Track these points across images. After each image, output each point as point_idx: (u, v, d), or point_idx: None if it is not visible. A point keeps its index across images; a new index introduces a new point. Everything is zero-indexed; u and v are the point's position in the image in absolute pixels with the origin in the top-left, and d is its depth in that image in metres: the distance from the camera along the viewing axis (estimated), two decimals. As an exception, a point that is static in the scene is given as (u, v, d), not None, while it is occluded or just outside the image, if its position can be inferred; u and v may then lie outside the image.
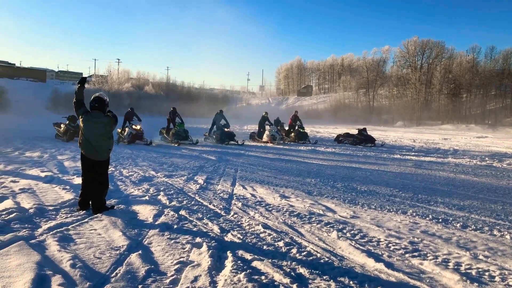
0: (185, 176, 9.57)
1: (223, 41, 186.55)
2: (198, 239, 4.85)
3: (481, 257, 4.57)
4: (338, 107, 71.76)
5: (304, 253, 4.51)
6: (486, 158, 15.34)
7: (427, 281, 3.87)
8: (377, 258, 4.38)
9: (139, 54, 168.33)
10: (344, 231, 5.44)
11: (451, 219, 6.25)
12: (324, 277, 3.88)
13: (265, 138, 21.40)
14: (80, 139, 6.22)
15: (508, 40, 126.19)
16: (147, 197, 7.15)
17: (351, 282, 3.78)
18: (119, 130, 18.83)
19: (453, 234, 5.43)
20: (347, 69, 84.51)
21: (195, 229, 5.33)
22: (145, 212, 6.11)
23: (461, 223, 6.00)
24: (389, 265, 4.19)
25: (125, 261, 4.12)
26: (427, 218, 6.25)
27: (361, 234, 5.34)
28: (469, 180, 10.45)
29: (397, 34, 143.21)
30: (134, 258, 4.19)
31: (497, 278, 3.98)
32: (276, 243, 4.82)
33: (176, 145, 18.20)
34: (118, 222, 5.54)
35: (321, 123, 54.94)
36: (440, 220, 6.15)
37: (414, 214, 6.52)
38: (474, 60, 59.60)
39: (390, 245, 4.91)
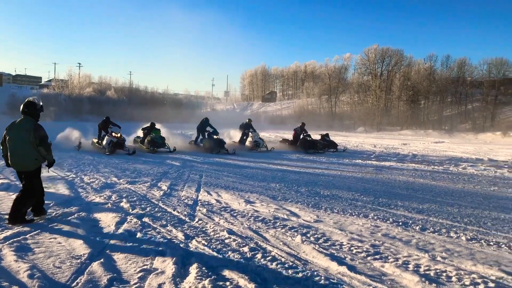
0: (149, 183, 9.43)
1: (187, 46, 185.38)
2: (162, 246, 4.80)
3: (439, 258, 4.73)
4: (301, 113, 72.50)
5: (269, 258, 4.54)
6: (443, 163, 15.90)
7: (389, 283, 3.97)
8: (340, 262, 4.46)
9: (101, 58, 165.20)
10: (308, 235, 5.51)
11: (410, 222, 6.44)
12: (289, 282, 3.91)
13: (248, 144, 20.65)
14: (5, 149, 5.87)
15: (462, 49, 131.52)
16: (109, 204, 7.01)
17: (315, 286, 3.83)
18: (95, 140, 17.65)
19: (412, 237, 5.60)
20: (310, 76, 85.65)
21: (159, 236, 5.26)
22: (107, 220, 5.99)
23: (420, 226, 6.19)
24: (351, 268, 4.27)
25: (87, 270, 4.02)
26: (388, 222, 6.42)
27: (325, 238, 5.42)
28: (427, 184, 10.80)
29: (358, 42, 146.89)
30: (96, 266, 4.10)
31: (453, 278, 4.13)
32: (241, 249, 4.83)
33: (152, 153, 17.26)
34: (79, 230, 5.40)
35: (285, 128, 55.31)
36: (400, 223, 6.32)
37: (375, 217, 6.68)
38: (431, 68, 61.77)
39: (352, 248, 5.01)
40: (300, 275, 4.07)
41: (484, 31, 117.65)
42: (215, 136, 18.66)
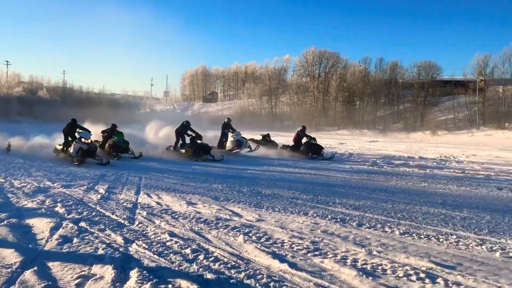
0: (85, 186, 9.09)
1: (124, 45, 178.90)
2: (100, 251, 4.65)
3: (375, 252, 4.94)
4: (243, 113, 72.83)
5: (211, 258, 4.53)
6: (377, 161, 16.61)
7: (328, 278, 4.10)
8: (282, 259, 4.54)
9: (31, 56, 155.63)
10: (250, 234, 5.56)
11: (348, 218, 6.68)
12: (231, 281, 3.93)
13: (229, 145, 18.75)
14: None
15: (394, 53, 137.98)
16: (42, 210, 6.67)
17: (257, 285, 3.88)
18: (59, 147, 15.03)
19: (350, 233, 5.81)
20: (251, 77, 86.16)
21: (97, 241, 5.09)
22: (41, 226, 5.70)
23: (357, 222, 6.44)
24: (292, 265, 4.36)
25: (18, 279, 3.81)
26: (327, 218, 6.61)
27: (266, 236, 5.49)
28: (363, 181, 11.25)
29: (297, 44, 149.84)
30: (28, 275, 3.90)
31: (388, 271, 4.33)
32: (183, 251, 4.78)
33: (116, 159, 15.15)
34: (9, 237, 5.10)
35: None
36: (339, 220, 6.54)
37: (315, 215, 6.86)
38: (365, 70, 64.39)
39: (293, 245, 5.11)
40: (242, 274, 4.10)
41: (413, 35, 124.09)
42: (199, 141, 16.56)
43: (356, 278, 4.08)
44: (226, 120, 20.18)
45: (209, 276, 4.03)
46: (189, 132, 17.17)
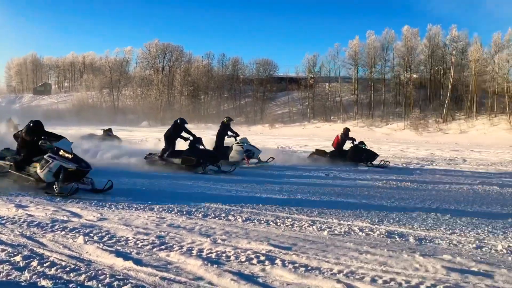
0: None
1: None
2: None
3: (219, 241, 5.11)
4: (81, 107, 68.38)
5: (47, 264, 4.16)
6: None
7: (174, 270, 4.11)
8: (126, 257, 4.39)
9: None
10: (91, 234, 5.26)
11: (194, 210, 6.77)
12: (71, 285, 3.67)
13: (235, 156, 14.08)
14: None
15: (235, 49, 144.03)
16: None
17: (100, 285, 3.69)
18: (7, 164, 8.84)
19: (196, 224, 5.90)
20: (90, 68, 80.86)
21: None
22: None
23: (203, 213, 6.57)
24: (137, 262, 4.26)
25: None
26: (173, 212, 6.61)
27: (109, 235, 5.26)
28: (208, 174, 11.52)
29: (139, 36, 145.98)
30: None
31: (232, 257, 4.52)
32: (12, 259, 4.29)
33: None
34: None
35: (63, 124, 50.90)
36: (184, 212, 6.59)
37: (161, 209, 6.79)
38: (209, 65, 66.02)
39: (138, 242, 4.99)
40: (83, 276, 3.86)
41: (252, 33, 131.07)
42: (201, 147, 12.45)
43: (201, 268, 4.17)
44: (225, 119, 15.54)
45: (44, 282, 3.70)
46: (185, 135, 12.71)
